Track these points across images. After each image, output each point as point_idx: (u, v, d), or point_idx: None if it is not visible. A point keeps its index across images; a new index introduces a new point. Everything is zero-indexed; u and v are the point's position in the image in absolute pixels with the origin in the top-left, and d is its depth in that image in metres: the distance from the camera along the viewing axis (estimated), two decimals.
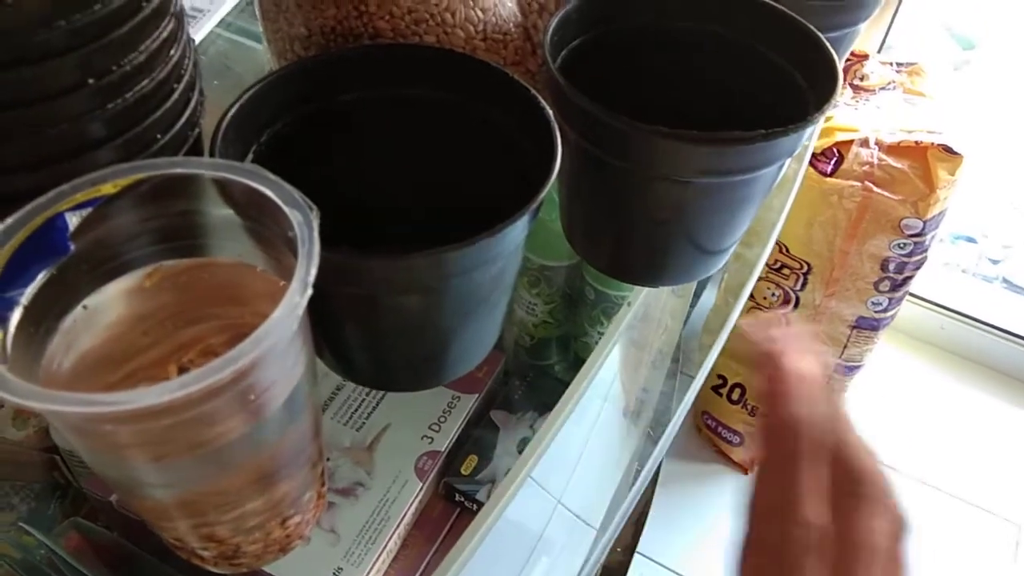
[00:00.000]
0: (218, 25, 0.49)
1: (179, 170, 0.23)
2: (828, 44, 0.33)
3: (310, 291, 0.21)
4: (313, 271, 0.21)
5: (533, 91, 0.30)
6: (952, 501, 1.39)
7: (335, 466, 0.49)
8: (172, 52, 0.25)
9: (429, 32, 0.33)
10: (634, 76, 0.38)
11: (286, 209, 0.22)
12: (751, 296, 1.25)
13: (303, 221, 0.22)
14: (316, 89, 0.31)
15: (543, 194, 0.27)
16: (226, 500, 0.25)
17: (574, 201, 0.37)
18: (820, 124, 0.31)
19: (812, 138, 0.52)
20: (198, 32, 0.47)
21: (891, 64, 1.23)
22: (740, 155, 0.30)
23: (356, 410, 0.52)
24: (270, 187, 0.23)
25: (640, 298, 0.38)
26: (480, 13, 0.33)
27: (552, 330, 0.54)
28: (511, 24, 0.35)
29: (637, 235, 0.35)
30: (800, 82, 0.34)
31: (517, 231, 0.27)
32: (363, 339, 0.31)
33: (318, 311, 0.30)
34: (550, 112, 0.30)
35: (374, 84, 0.32)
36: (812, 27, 0.34)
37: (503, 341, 0.56)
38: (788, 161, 0.33)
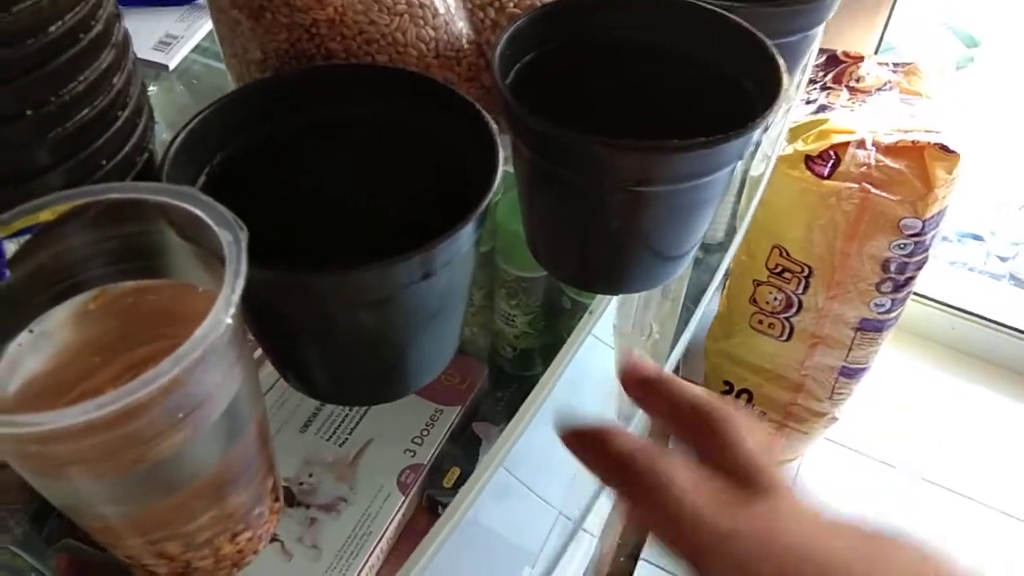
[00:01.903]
0: (193, 51, 0.50)
1: (116, 195, 0.24)
2: (772, 48, 0.33)
3: (233, 309, 0.21)
4: (238, 290, 0.22)
5: (478, 106, 0.31)
6: (967, 503, 1.37)
7: (318, 481, 0.50)
8: (115, 80, 0.26)
9: (381, 52, 0.34)
10: (589, 88, 0.38)
11: (217, 229, 0.23)
12: (754, 301, 1.24)
13: (232, 241, 0.23)
14: (269, 111, 0.32)
15: (482, 207, 0.28)
16: (172, 516, 0.25)
17: (533, 214, 0.37)
18: (767, 126, 0.31)
19: (778, 142, 0.52)
20: (172, 58, 0.48)
21: (887, 65, 1.23)
22: (682, 162, 0.30)
23: (339, 425, 0.52)
24: (203, 208, 0.23)
25: (603, 305, 0.39)
26: (431, 31, 0.34)
27: (533, 340, 0.54)
28: (463, 41, 0.35)
29: (592, 245, 0.35)
30: (748, 87, 0.34)
31: (459, 243, 0.28)
32: (318, 356, 0.31)
33: (271, 331, 0.31)
34: (493, 126, 0.30)
35: (326, 104, 0.33)
36: (758, 32, 0.34)
37: (484, 352, 0.56)
38: (739, 165, 0.33)
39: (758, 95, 0.34)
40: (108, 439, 0.20)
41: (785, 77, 0.32)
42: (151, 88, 0.57)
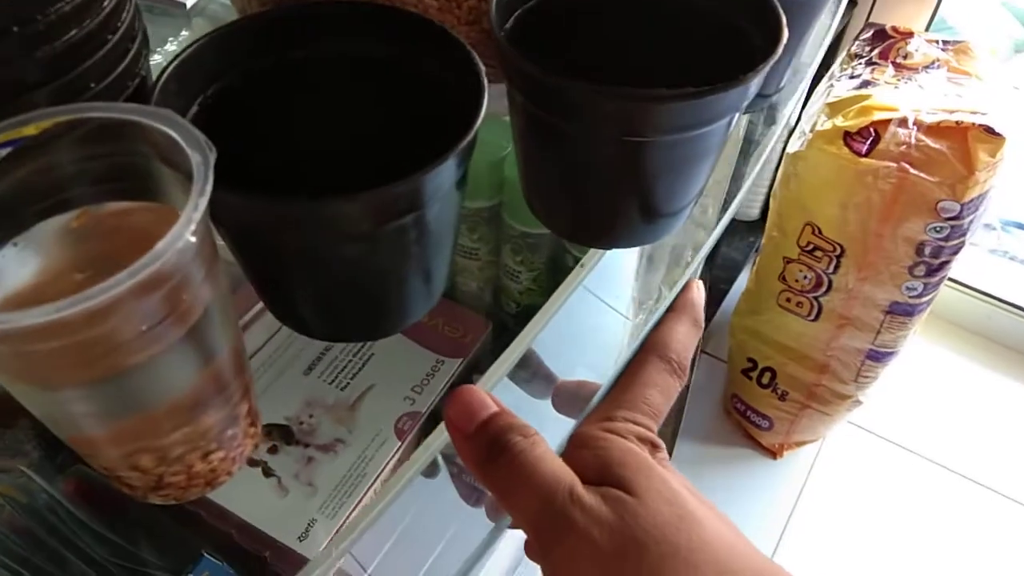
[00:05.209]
0: None
1: (96, 114, 0.25)
2: (776, 2, 0.33)
3: (194, 226, 0.22)
4: (201, 207, 0.22)
5: (467, 46, 0.31)
6: (992, 495, 1.35)
7: (318, 423, 0.51)
8: (105, 3, 0.27)
9: None
10: (597, 38, 0.38)
11: (188, 151, 0.23)
12: (783, 279, 1.23)
13: (201, 161, 0.23)
14: (264, 44, 0.32)
15: (462, 144, 0.28)
16: (146, 431, 0.26)
17: (527, 164, 0.37)
18: (761, 77, 0.30)
19: (784, 110, 0.51)
20: None
21: (937, 42, 1.19)
22: (673, 112, 0.30)
23: (342, 370, 0.53)
24: (176, 129, 0.24)
25: (594, 259, 0.39)
26: None
27: (537, 297, 0.54)
28: None
29: (583, 197, 0.35)
30: (753, 41, 0.34)
31: (440, 178, 0.28)
32: (303, 290, 0.32)
33: (258, 264, 0.32)
34: (480, 65, 0.30)
35: (320, 40, 0.33)
36: None
37: (489, 307, 0.57)
38: (736, 117, 0.33)
39: (761, 49, 0.33)
40: (72, 343, 0.21)
41: (784, 31, 0.31)
42: (183, 33, 0.57)
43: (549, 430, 0.36)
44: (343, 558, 0.50)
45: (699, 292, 0.38)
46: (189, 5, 0.48)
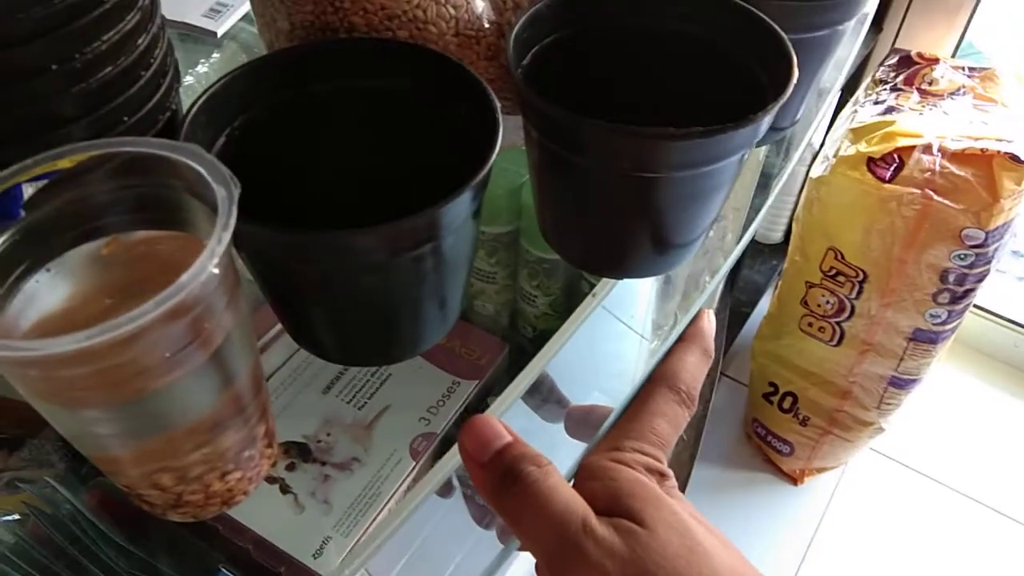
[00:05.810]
0: (242, 19, 0.52)
1: (128, 149, 0.26)
2: (788, 42, 0.33)
3: (217, 259, 0.23)
4: (224, 241, 0.23)
5: (483, 82, 0.32)
6: (1018, 527, 1.33)
7: (335, 441, 0.52)
8: (139, 42, 0.28)
9: (402, 28, 0.35)
10: (608, 74, 0.38)
11: (213, 185, 0.25)
12: (805, 303, 1.22)
13: (226, 196, 0.24)
14: (289, 79, 0.34)
15: (477, 179, 0.29)
16: (166, 451, 0.27)
17: (543, 198, 0.38)
18: (771, 116, 0.31)
19: (801, 140, 0.52)
20: (221, 25, 0.50)
21: (963, 69, 1.19)
22: (682, 150, 0.31)
23: (359, 390, 0.54)
24: (203, 165, 0.25)
25: (607, 288, 0.39)
26: (452, 10, 0.35)
27: (553, 322, 0.55)
28: (484, 21, 0.36)
29: (595, 228, 0.36)
30: (763, 80, 0.34)
31: (454, 212, 0.29)
32: (321, 317, 0.33)
33: (278, 290, 0.33)
34: (496, 101, 0.31)
35: (344, 75, 0.34)
36: (777, 27, 0.34)
37: (505, 331, 0.58)
38: (747, 153, 0.33)
39: (771, 87, 0.34)
40: (99, 369, 0.22)
41: (795, 72, 0.32)
42: (214, 55, 0.59)
43: (561, 455, 0.37)
44: (359, 574, 0.51)
45: (710, 322, 0.38)
46: (220, 34, 0.49)
